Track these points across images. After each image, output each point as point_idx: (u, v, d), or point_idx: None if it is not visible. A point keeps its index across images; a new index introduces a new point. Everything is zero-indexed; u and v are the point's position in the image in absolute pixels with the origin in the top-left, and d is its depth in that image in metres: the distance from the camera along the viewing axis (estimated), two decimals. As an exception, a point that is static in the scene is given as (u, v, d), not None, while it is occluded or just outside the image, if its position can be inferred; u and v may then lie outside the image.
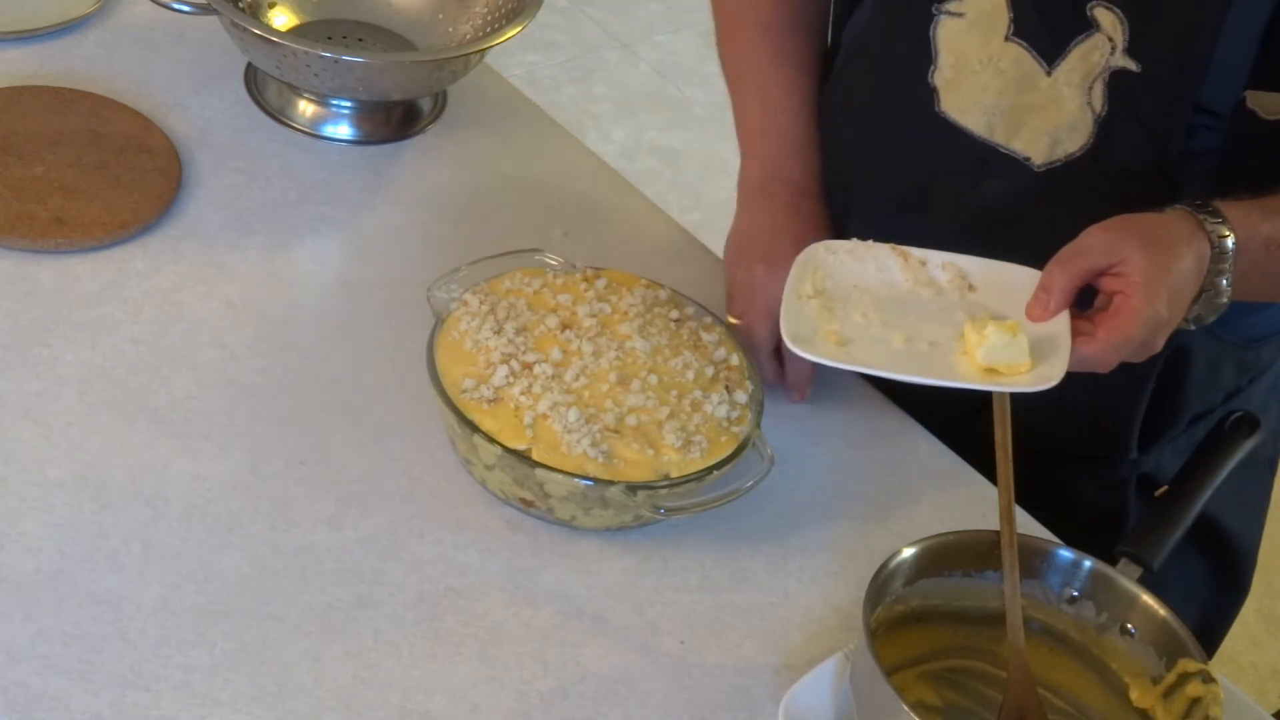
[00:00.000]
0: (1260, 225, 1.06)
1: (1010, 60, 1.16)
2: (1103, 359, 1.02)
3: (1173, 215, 1.05)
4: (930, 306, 1.09)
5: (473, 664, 1.02)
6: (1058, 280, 1.03)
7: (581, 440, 1.08)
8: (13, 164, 1.28)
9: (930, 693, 1.04)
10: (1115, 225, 1.04)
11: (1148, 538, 1.13)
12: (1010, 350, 1.01)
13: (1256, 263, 1.06)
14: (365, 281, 1.29)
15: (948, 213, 1.24)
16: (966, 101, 1.19)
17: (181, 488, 1.09)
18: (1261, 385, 1.34)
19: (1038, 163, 1.18)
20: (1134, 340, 1.01)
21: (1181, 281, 1.03)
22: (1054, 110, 1.16)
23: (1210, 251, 1.04)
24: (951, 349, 1.05)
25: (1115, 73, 1.13)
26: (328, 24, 1.48)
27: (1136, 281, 1.00)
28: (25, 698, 0.95)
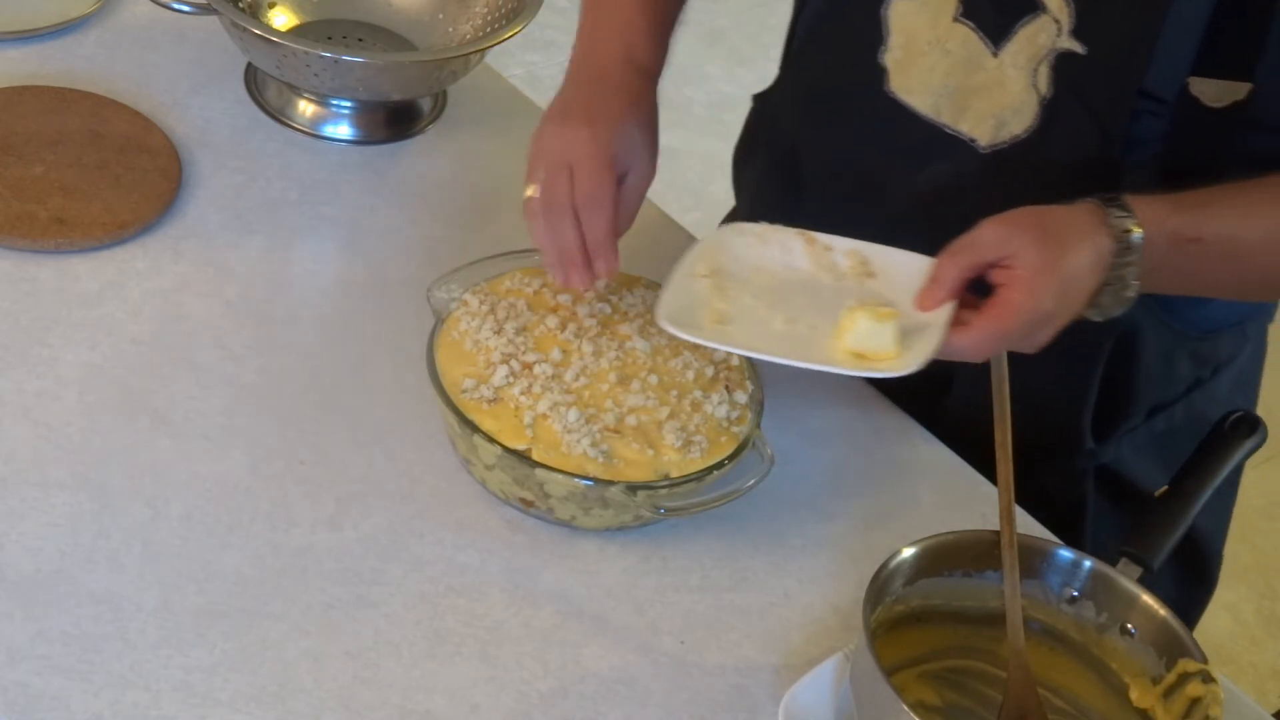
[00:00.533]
0: (1169, 220, 1.06)
1: (958, 41, 1.17)
2: (975, 349, 1.04)
3: (1077, 209, 1.06)
4: (825, 292, 1.11)
5: (473, 664, 1.02)
6: (948, 272, 1.05)
7: (581, 440, 1.08)
8: (13, 164, 1.28)
9: (930, 693, 1.04)
10: (1011, 219, 1.05)
11: (1148, 538, 1.13)
12: (876, 337, 1.03)
13: (1165, 258, 1.06)
14: (365, 281, 1.29)
15: (896, 193, 1.24)
16: (914, 82, 1.20)
17: (181, 488, 1.09)
18: (1225, 378, 1.34)
19: (983, 144, 1.19)
20: (1010, 333, 1.03)
21: (1073, 276, 1.04)
22: (1000, 92, 1.16)
23: (1112, 246, 1.05)
24: (827, 333, 1.06)
25: (1061, 55, 1.13)
26: (328, 24, 1.48)
27: (1022, 276, 1.02)
28: (25, 698, 0.95)
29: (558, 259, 1.12)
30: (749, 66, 3.44)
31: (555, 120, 1.15)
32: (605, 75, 1.19)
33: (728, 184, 1.50)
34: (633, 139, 1.15)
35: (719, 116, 3.28)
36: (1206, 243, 1.08)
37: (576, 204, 1.11)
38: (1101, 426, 1.29)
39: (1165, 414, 1.32)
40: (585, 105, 1.16)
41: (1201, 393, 1.32)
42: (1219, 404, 1.33)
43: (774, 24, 3.92)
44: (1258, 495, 2.81)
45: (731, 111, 3.31)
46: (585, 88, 1.19)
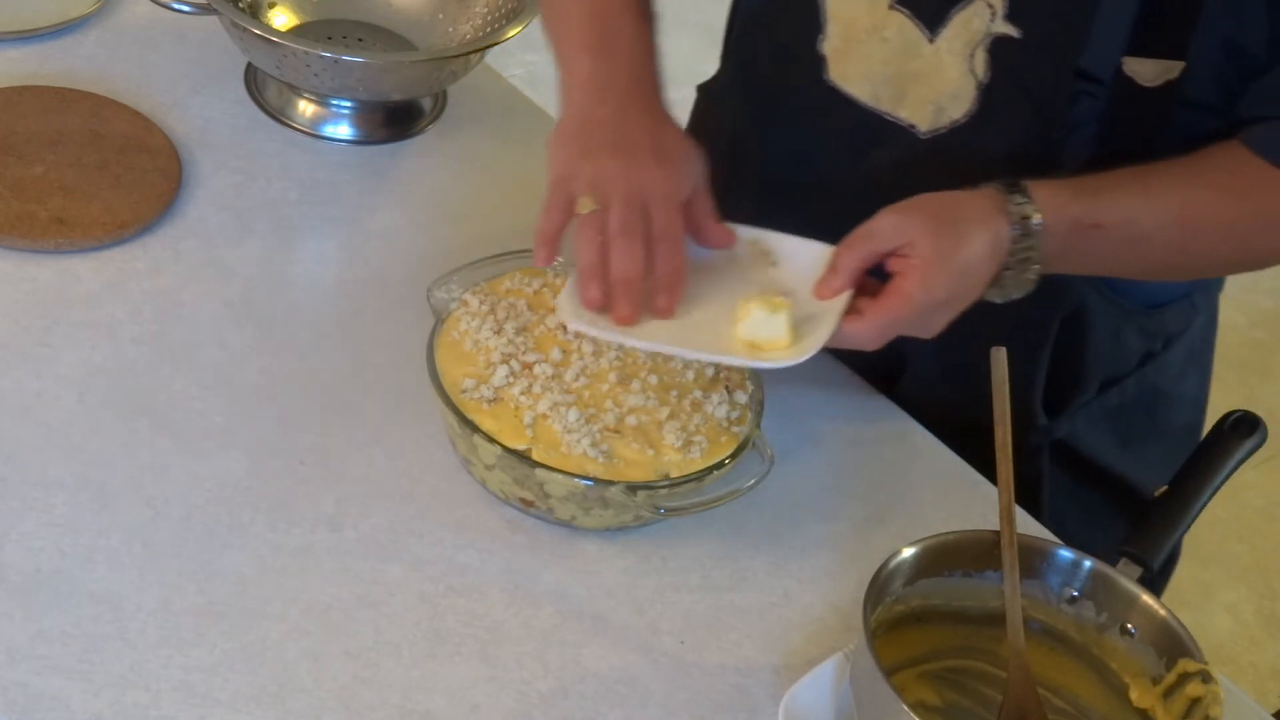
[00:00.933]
0: (1069, 206, 1.08)
1: (894, 28, 1.17)
2: (868, 338, 1.06)
3: (976, 195, 1.08)
4: (724, 281, 1.11)
5: (473, 664, 1.02)
6: (845, 261, 1.07)
7: (581, 440, 1.08)
8: (13, 164, 1.28)
9: (930, 693, 1.04)
10: (908, 207, 1.07)
11: (1148, 538, 1.13)
12: (768, 327, 1.04)
13: (1065, 242, 1.08)
14: (365, 281, 1.29)
15: (839, 181, 1.25)
16: (853, 70, 1.21)
17: (181, 488, 1.09)
18: (1178, 350, 1.34)
19: (923, 130, 1.19)
20: (902, 321, 1.05)
21: (968, 264, 1.06)
22: (937, 78, 1.17)
23: (1011, 232, 1.07)
24: (724, 323, 1.07)
25: (997, 39, 1.13)
26: (328, 24, 1.48)
27: (916, 265, 1.04)
28: (25, 698, 0.95)
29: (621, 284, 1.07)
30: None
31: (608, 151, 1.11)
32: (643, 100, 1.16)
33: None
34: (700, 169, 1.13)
35: (719, 116, 3.28)
36: (1107, 227, 1.10)
37: (654, 237, 1.08)
38: (1054, 402, 1.30)
39: (1118, 388, 1.32)
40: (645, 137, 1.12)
41: (1153, 365, 1.33)
42: (1172, 376, 1.35)
43: (774, 24, 3.89)
44: (1258, 495, 2.81)
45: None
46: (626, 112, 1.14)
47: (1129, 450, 1.35)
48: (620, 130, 1.12)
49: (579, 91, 1.16)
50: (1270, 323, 3.21)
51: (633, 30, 1.19)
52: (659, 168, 1.10)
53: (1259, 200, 1.12)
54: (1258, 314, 3.23)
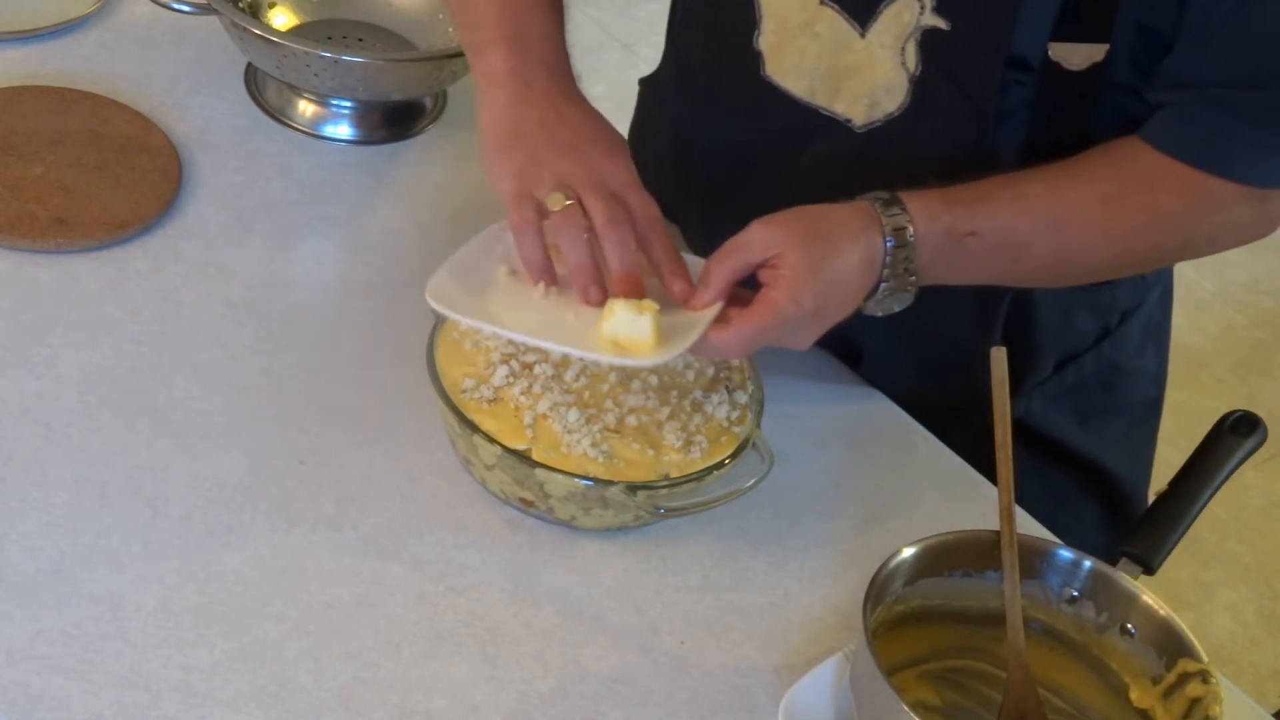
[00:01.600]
0: (942, 216, 1.08)
1: (825, 24, 1.18)
2: (732, 347, 1.06)
3: (850, 208, 1.08)
4: None
5: (473, 664, 1.02)
6: (714, 274, 1.07)
7: (581, 440, 1.08)
8: (13, 164, 1.28)
9: (930, 693, 1.04)
10: (780, 220, 1.07)
11: (1148, 538, 1.13)
12: (633, 326, 1.04)
13: (940, 252, 1.09)
14: (365, 281, 1.29)
15: (778, 175, 1.25)
16: (788, 65, 1.21)
17: (181, 488, 1.09)
18: (1134, 326, 1.35)
19: (858, 124, 1.20)
20: (768, 331, 1.05)
21: (838, 277, 1.06)
22: (870, 72, 1.17)
23: (884, 245, 1.07)
24: (592, 323, 1.06)
25: (927, 32, 1.14)
26: (328, 24, 1.48)
27: (784, 275, 1.04)
28: (25, 698, 0.95)
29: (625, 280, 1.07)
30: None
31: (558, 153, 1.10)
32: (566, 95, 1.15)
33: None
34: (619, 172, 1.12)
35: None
36: (981, 235, 1.10)
37: (640, 227, 1.08)
38: None
39: (1075, 365, 1.33)
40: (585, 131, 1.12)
41: (1110, 342, 1.34)
42: (1129, 352, 1.35)
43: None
44: (1258, 495, 2.81)
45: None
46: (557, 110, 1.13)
47: (1088, 428, 1.36)
48: (559, 130, 1.11)
49: (500, 90, 1.14)
50: (1270, 323, 3.21)
51: (546, 23, 1.19)
52: (611, 159, 1.11)
53: (1134, 201, 1.13)
54: (1258, 314, 3.23)
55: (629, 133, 1.50)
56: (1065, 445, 1.36)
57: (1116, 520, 1.40)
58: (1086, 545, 1.07)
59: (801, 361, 1.29)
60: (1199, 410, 1.45)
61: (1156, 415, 1.43)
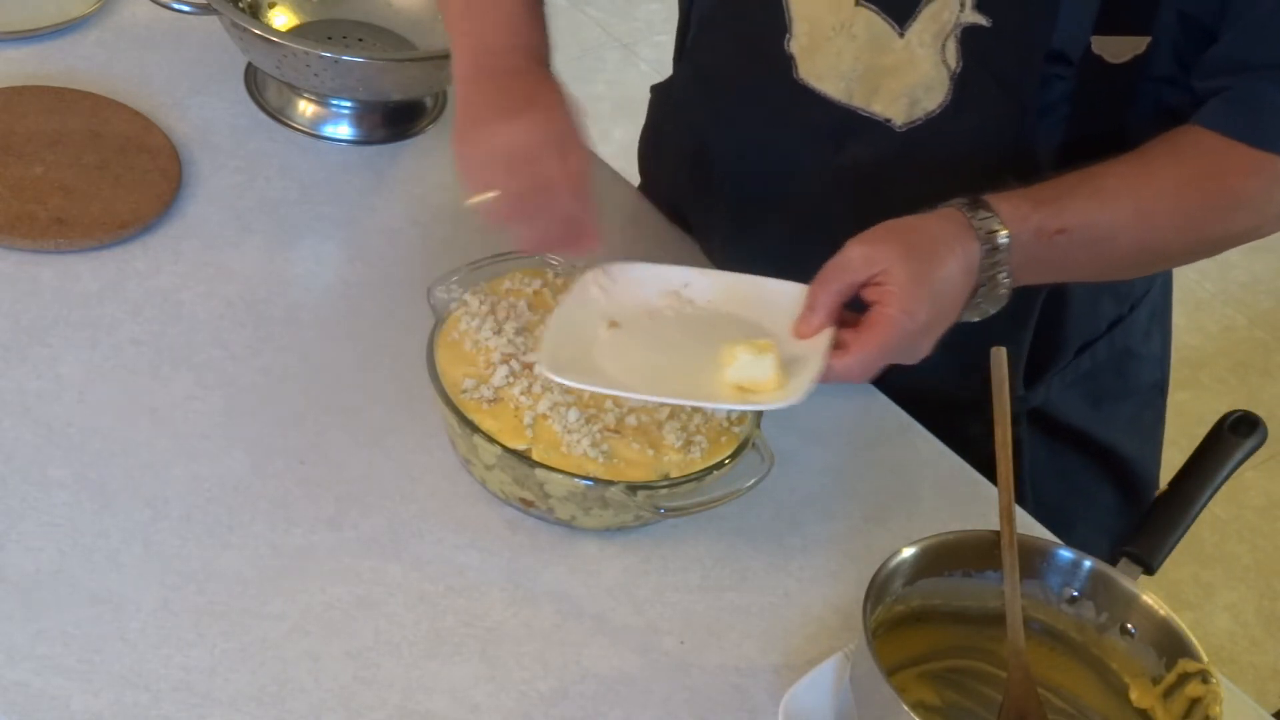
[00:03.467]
0: (1031, 217, 1.08)
1: (862, 25, 1.17)
2: (857, 371, 1.04)
3: (941, 218, 1.07)
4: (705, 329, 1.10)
5: (473, 664, 1.02)
6: (820, 298, 1.06)
7: (581, 440, 1.08)
8: (13, 164, 1.28)
9: (930, 693, 1.04)
10: (876, 237, 1.05)
11: (1148, 538, 1.13)
12: (756, 368, 1.03)
13: (1032, 252, 1.08)
14: (365, 281, 1.29)
15: (813, 178, 1.25)
16: (823, 68, 1.20)
17: (181, 488, 1.09)
18: (1142, 313, 1.36)
19: (899, 123, 1.19)
20: (889, 349, 1.04)
21: (945, 287, 1.05)
22: (909, 70, 1.17)
23: (981, 250, 1.06)
24: (709, 369, 1.05)
25: (967, 29, 1.14)
26: (328, 24, 1.48)
27: (893, 291, 1.03)
28: (25, 698, 0.95)
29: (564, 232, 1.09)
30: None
31: (492, 118, 1.09)
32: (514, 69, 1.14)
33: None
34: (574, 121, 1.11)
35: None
36: (1070, 232, 1.09)
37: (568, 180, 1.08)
38: (1031, 372, 1.31)
39: (1089, 351, 1.34)
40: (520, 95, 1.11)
41: (1121, 328, 1.35)
42: (1139, 336, 1.36)
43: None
44: (1258, 495, 2.81)
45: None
46: (500, 82, 1.13)
47: (1101, 412, 1.37)
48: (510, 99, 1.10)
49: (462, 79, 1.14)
50: (1270, 323, 3.21)
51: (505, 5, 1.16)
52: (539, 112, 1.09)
53: (1206, 186, 1.13)
54: (1258, 314, 3.23)
55: (640, 140, 1.49)
56: (1080, 431, 1.36)
57: (1129, 504, 1.41)
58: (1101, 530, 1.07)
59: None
60: (1199, 410, 1.46)
61: (1163, 397, 1.44)
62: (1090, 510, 1.37)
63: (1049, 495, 1.27)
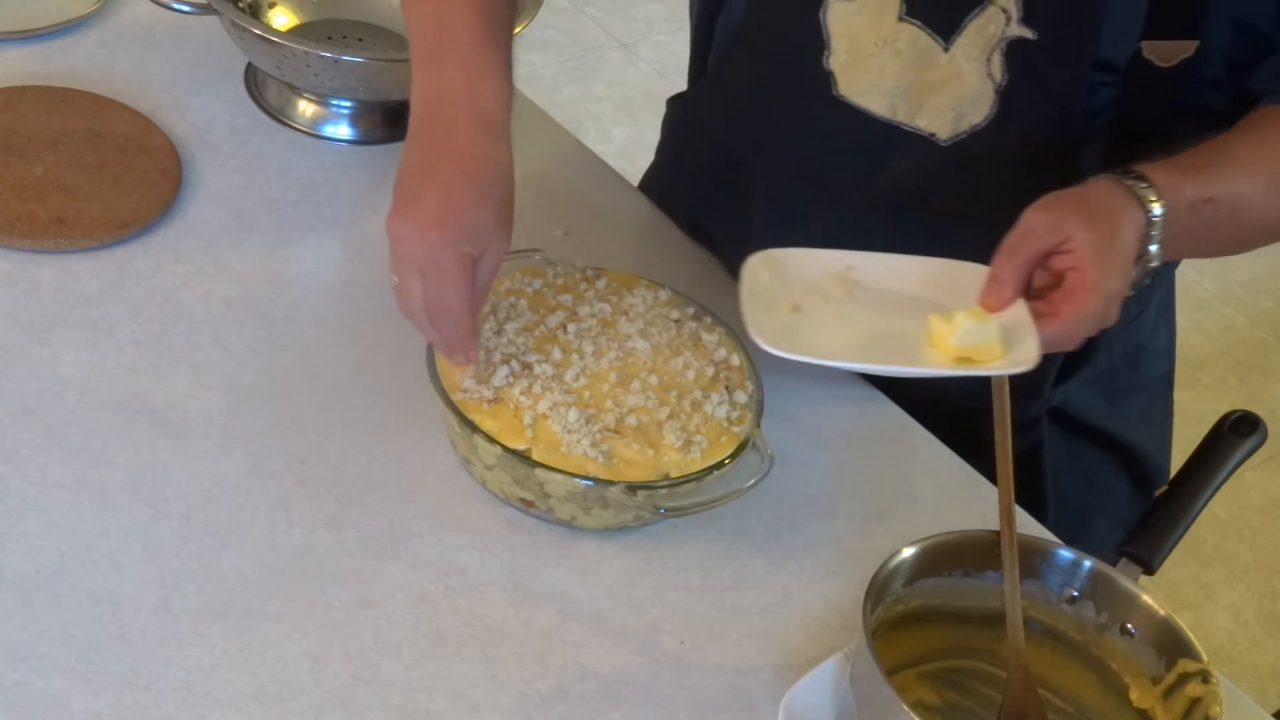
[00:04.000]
0: (1184, 188, 1.07)
1: (906, 40, 1.17)
2: (1068, 336, 1.03)
3: (1103, 186, 1.06)
4: (881, 305, 1.09)
5: (473, 664, 1.02)
6: (1008, 268, 1.04)
7: (581, 440, 1.08)
8: (13, 164, 1.28)
9: (930, 693, 1.04)
10: (1052, 204, 1.05)
11: (1148, 538, 1.13)
12: (983, 334, 1.02)
13: (1184, 225, 1.07)
14: (365, 281, 1.29)
15: (853, 194, 1.24)
16: (865, 84, 1.20)
17: (181, 488, 1.09)
18: (1152, 308, 1.36)
19: (943, 138, 1.19)
20: (1094, 314, 1.03)
21: (1127, 252, 1.04)
22: (955, 85, 1.17)
23: (1145, 218, 1.05)
24: (919, 340, 1.05)
25: (1013, 42, 1.14)
26: (328, 24, 1.48)
27: (1086, 256, 1.02)
28: (25, 698, 0.95)
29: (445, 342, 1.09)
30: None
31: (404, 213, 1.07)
32: (452, 141, 1.09)
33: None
34: (483, 229, 1.07)
35: (719, 116, 3.28)
36: (1216, 202, 1.09)
37: (429, 311, 1.07)
38: (1064, 372, 1.31)
39: (1105, 349, 1.34)
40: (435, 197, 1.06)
41: (1135, 323, 1.35)
42: (1147, 332, 1.37)
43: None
44: (1258, 495, 2.81)
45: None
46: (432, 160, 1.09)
47: (1115, 407, 1.37)
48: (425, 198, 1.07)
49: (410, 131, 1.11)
50: (1270, 323, 3.21)
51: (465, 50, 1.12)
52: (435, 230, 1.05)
53: None
54: (1258, 314, 3.23)
55: (656, 152, 1.48)
56: (1096, 427, 1.36)
57: (1144, 497, 1.41)
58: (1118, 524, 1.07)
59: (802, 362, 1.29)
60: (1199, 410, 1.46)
61: (1170, 389, 1.44)
62: (1106, 504, 1.37)
63: (1068, 492, 1.27)
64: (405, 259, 1.06)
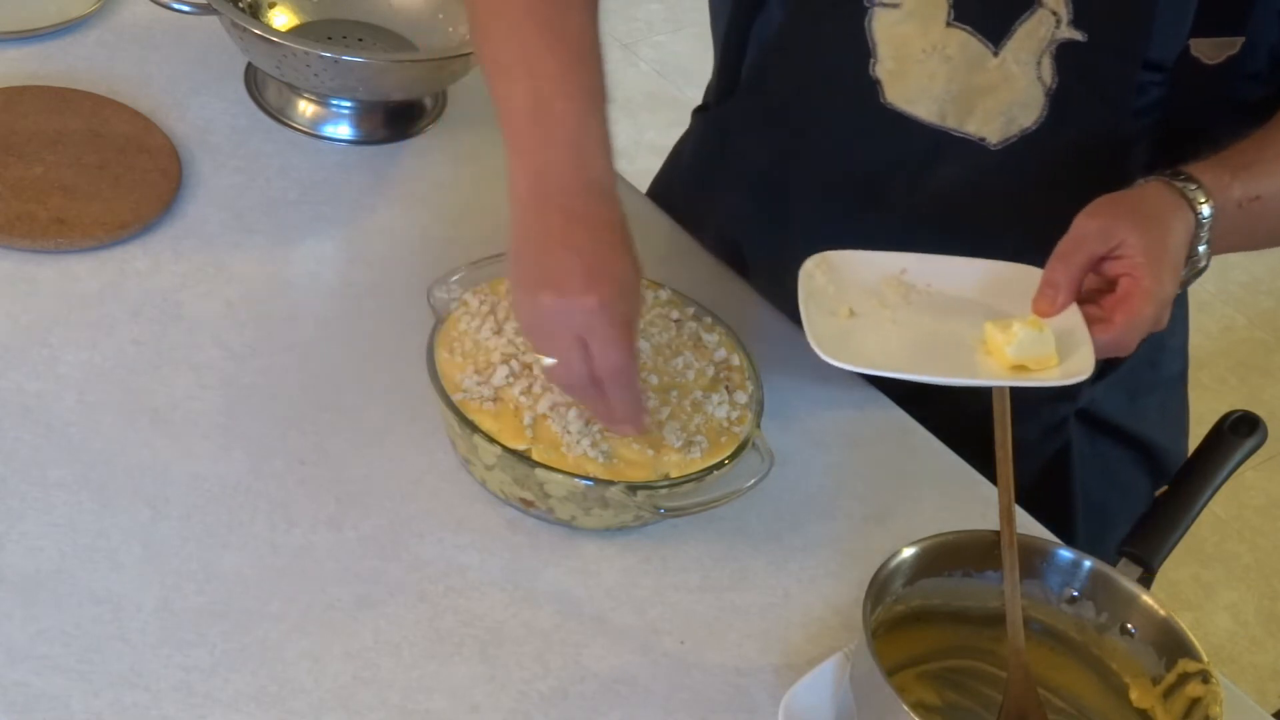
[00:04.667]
0: (1232, 186, 1.07)
1: (955, 46, 1.17)
2: (1123, 342, 1.03)
3: (1153, 189, 1.06)
4: (936, 309, 1.09)
5: (473, 664, 1.02)
6: (1061, 274, 1.04)
7: (581, 440, 1.08)
8: (13, 164, 1.28)
9: (930, 693, 1.04)
10: (1104, 209, 1.05)
11: (1148, 538, 1.13)
12: (1039, 345, 1.02)
13: (1232, 223, 1.07)
14: (365, 281, 1.29)
15: (902, 200, 1.24)
16: (914, 91, 1.20)
17: (181, 488, 1.09)
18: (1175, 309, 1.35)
19: (994, 142, 1.19)
20: (1149, 319, 1.03)
21: (1178, 255, 1.04)
22: (1005, 89, 1.17)
23: (1195, 219, 1.05)
24: (974, 349, 1.05)
25: (1063, 45, 1.14)
26: (328, 24, 1.48)
27: (1140, 261, 1.02)
28: (25, 698, 0.95)
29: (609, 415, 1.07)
30: (749, 67, 3.44)
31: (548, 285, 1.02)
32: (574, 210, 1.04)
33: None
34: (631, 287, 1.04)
35: (719, 116, 3.28)
36: (1264, 199, 1.09)
37: (599, 378, 1.03)
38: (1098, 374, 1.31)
39: None
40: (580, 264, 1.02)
41: None
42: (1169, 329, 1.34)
43: (774, 24, 3.84)
44: (1258, 495, 2.81)
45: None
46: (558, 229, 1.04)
47: (1136, 405, 1.37)
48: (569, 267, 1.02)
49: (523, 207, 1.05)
50: (1270, 323, 3.21)
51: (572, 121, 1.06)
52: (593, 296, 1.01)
53: None
54: (1258, 314, 3.23)
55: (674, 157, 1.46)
56: (1119, 426, 1.36)
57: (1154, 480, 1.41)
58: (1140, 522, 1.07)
59: (801, 361, 1.29)
60: (1199, 410, 1.46)
61: (1185, 385, 1.44)
62: (1128, 502, 1.36)
63: (1094, 492, 1.26)
64: (561, 332, 1.02)
